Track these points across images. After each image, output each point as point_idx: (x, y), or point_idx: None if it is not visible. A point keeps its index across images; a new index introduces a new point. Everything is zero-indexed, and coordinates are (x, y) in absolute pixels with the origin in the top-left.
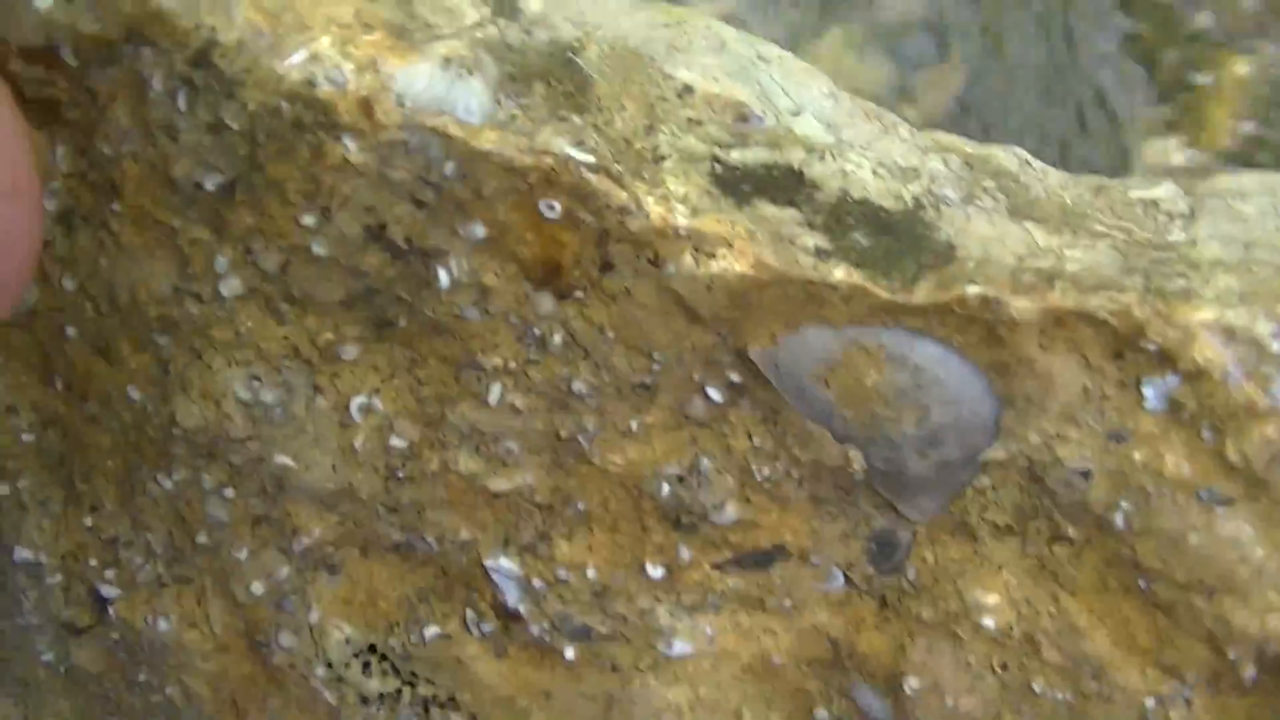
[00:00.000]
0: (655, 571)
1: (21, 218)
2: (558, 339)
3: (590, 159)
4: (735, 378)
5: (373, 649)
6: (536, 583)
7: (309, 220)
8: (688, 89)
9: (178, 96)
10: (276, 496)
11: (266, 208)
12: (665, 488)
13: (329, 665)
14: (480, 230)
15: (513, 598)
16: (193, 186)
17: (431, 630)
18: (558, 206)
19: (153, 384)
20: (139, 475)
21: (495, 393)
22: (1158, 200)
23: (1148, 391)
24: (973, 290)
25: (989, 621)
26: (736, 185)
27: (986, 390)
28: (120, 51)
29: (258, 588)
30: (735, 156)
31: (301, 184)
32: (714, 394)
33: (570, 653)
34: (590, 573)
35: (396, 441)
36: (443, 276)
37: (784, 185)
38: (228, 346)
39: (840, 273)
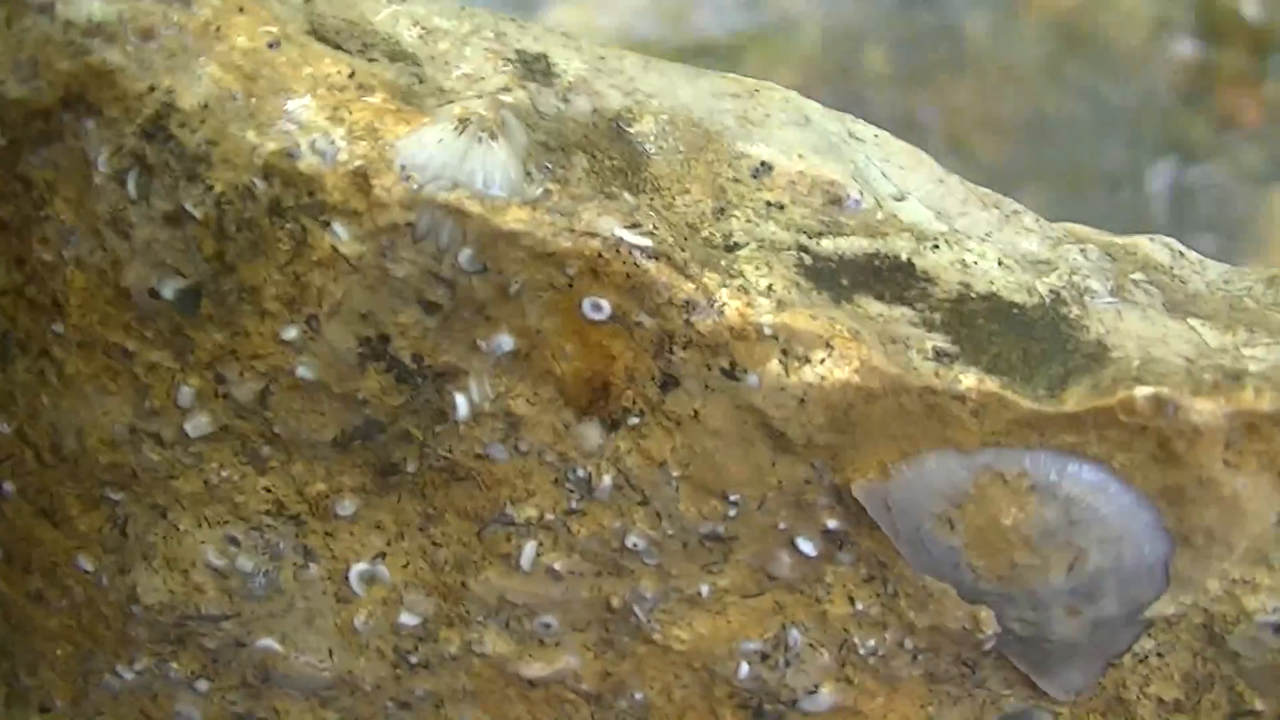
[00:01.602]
0: None
1: None
2: (607, 481)
3: (647, 242)
4: (833, 524)
5: None
6: None
7: (291, 334)
8: (765, 167)
9: (127, 180)
10: (261, 689)
11: (239, 321)
12: (744, 668)
13: None
14: (507, 341)
15: None
16: (148, 296)
17: None
18: (605, 305)
19: (107, 550)
20: (94, 664)
21: (529, 553)
22: None
23: None
24: (1142, 392)
25: None
26: (832, 278)
27: (1156, 525)
28: (58, 124)
29: None
30: (828, 246)
31: (282, 287)
32: (805, 546)
33: None
34: None
35: (407, 618)
36: (460, 404)
37: (891, 279)
38: (196, 501)
39: (969, 379)
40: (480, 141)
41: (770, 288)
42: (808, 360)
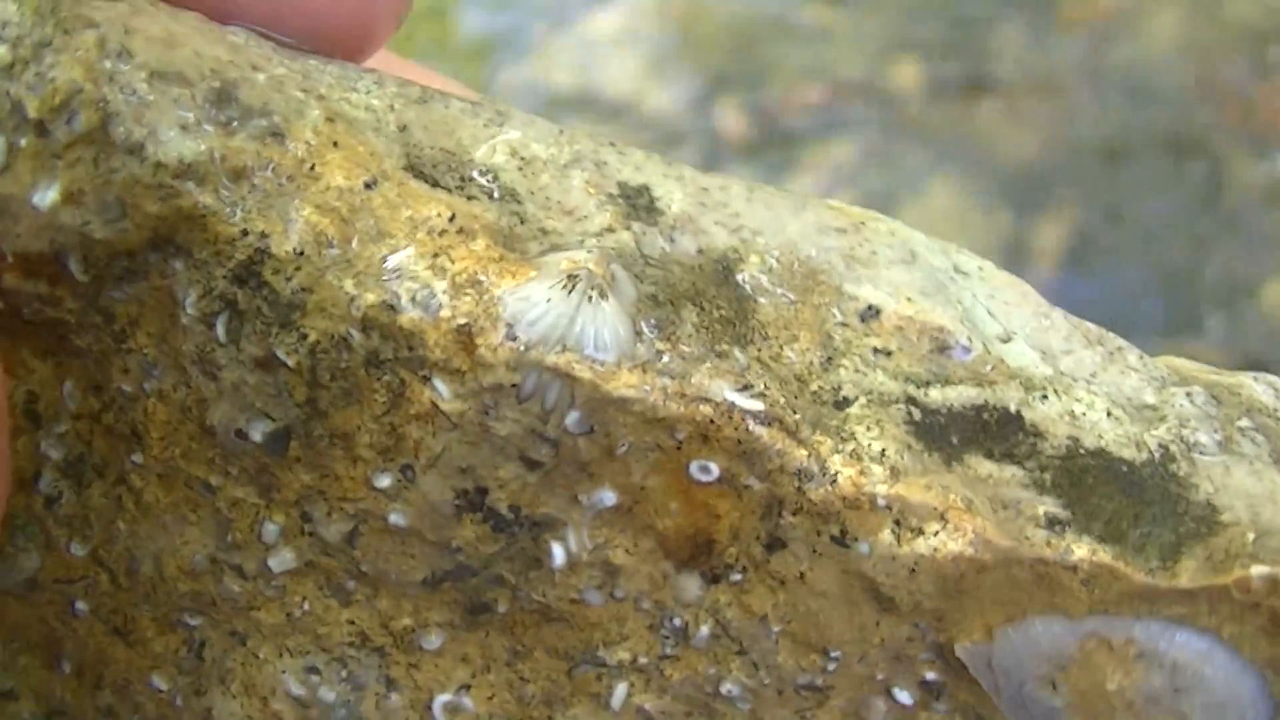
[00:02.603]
0: None
1: None
2: (704, 630)
3: (758, 406)
4: (931, 676)
5: None
6: None
7: (384, 482)
8: (873, 311)
9: (216, 323)
10: None
11: (329, 465)
12: None
13: None
14: (609, 497)
15: None
16: (234, 436)
17: None
18: (714, 469)
19: (183, 672)
20: None
21: (619, 694)
22: None
23: None
24: (1259, 572)
25: None
26: (942, 435)
27: (1260, 691)
28: (144, 263)
29: None
30: (936, 397)
31: (376, 436)
32: (902, 696)
33: None
34: None
35: None
36: (557, 553)
37: (1000, 434)
38: (277, 632)
39: (1082, 550)
40: (590, 300)
41: (883, 453)
42: (921, 532)
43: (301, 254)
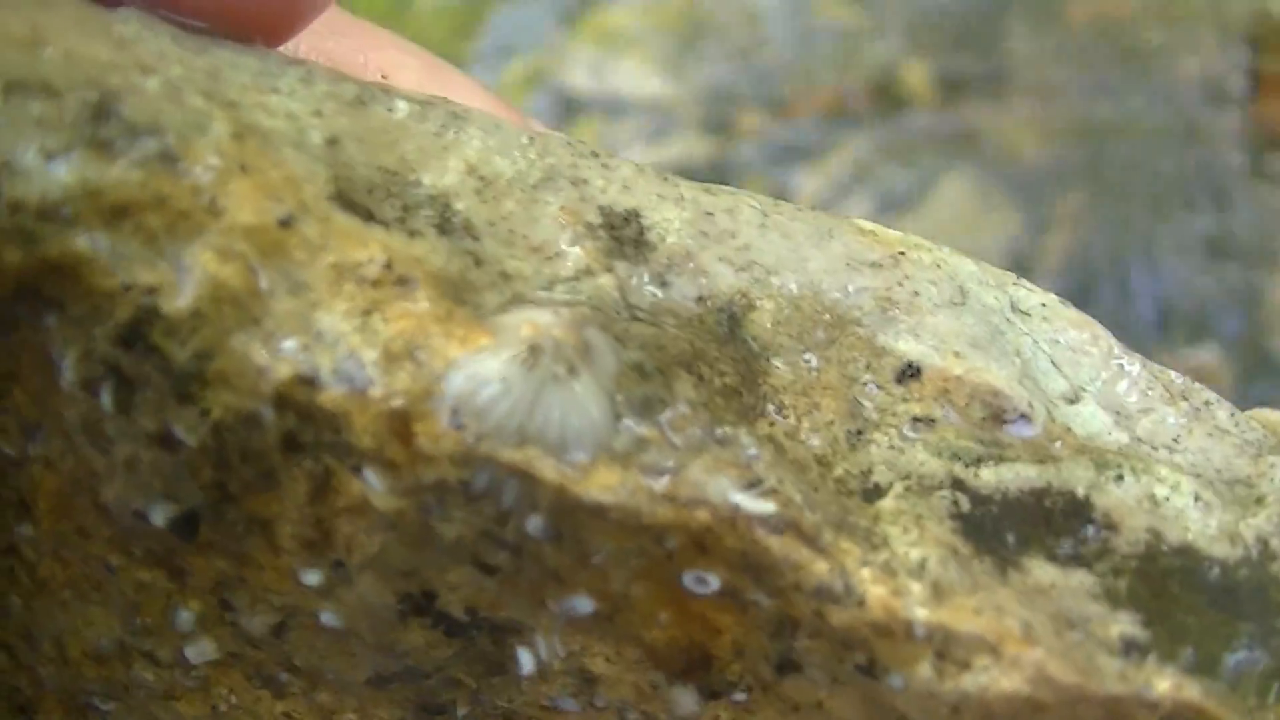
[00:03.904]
0: None
1: None
2: None
3: (768, 509)
4: None
5: None
6: None
7: (312, 580)
8: (912, 369)
9: (100, 391)
10: None
11: (248, 552)
12: None
13: None
14: (585, 604)
15: None
16: (132, 517)
17: None
18: (713, 581)
19: None
20: None
21: None
22: None
23: None
24: None
25: None
26: (996, 532)
27: None
28: (11, 314)
29: None
30: (988, 478)
31: (300, 528)
32: None
33: None
34: None
35: None
36: (524, 660)
37: (1066, 525)
38: None
39: (1164, 684)
40: (556, 380)
41: (923, 564)
42: (967, 666)
43: (198, 314)
